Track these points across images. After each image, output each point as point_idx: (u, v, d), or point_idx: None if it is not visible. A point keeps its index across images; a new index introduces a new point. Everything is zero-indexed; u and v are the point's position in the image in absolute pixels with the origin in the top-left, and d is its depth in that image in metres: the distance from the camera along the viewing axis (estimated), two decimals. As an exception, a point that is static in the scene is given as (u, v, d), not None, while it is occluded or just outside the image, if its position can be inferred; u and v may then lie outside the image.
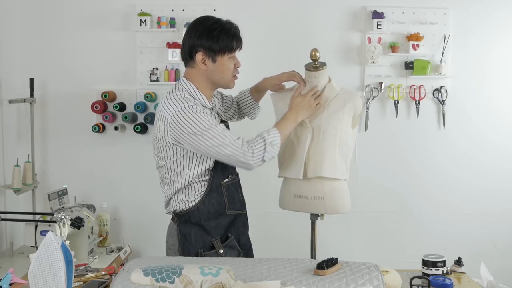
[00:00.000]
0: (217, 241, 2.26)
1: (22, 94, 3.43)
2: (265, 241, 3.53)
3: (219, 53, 2.18)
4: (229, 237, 2.32)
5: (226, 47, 2.18)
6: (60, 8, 3.51)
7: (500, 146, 3.60)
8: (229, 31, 2.19)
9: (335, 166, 2.40)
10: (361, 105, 2.45)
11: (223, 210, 2.28)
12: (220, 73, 2.22)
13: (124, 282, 1.67)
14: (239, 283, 1.69)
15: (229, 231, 2.32)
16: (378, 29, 3.44)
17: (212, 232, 2.26)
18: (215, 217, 2.26)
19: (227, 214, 2.29)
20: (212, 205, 2.25)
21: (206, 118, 2.12)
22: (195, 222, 2.25)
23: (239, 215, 2.36)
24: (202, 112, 2.13)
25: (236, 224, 2.35)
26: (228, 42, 2.18)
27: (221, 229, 2.29)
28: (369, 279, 1.74)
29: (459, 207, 3.62)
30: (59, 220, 2.56)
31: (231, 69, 2.24)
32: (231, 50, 2.20)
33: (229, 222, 2.31)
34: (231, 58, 2.23)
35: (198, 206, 2.24)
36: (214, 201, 2.26)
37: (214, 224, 2.26)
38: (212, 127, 2.11)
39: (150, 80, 3.47)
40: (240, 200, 2.39)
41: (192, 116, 2.11)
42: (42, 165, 3.56)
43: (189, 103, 2.13)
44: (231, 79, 2.26)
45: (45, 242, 1.70)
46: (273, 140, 2.18)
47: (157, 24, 3.46)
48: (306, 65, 2.49)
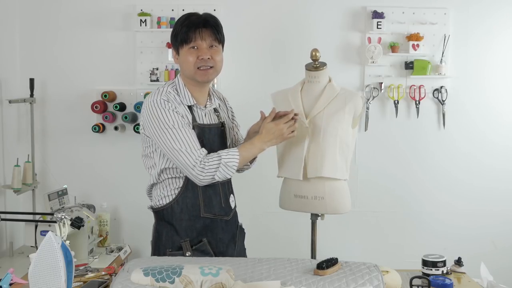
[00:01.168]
0: (186, 243, 2.18)
1: (22, 94, 3.43)
2: (265, 241, 3.53)
3: (179, 46, 2.17)
4: (202, 241, 2.21)
5: (181, 39, 2.15)
6: (60, 8, 3.51)
7: (500, 146, 3.60)
8: (187, 22, 2.15)
9: (335, 166, 2.40)
10: (362, 105, 2.45)
11: (197, 212, 2.19)
12: (183, 65, 2.19)
13: (124, 282, 1.67)
14: (239, 283, 1.69)
15: (203, 235, 2.21)
16: (378, 29, 3.44)
17: (182, 233, 2.19)
18: (187, 218, 2.19)
19: (201, 217, 2.20)
20: (186, 205, 2.19)
21: (174, 116, 2.09)
22: (168, 220, 2.21)
23: (217, 220, 2.24)
24: (172, 109, 2.10)
25: (214, 229, 2.24)
26: (184, 33, 2.14)
27: (193, 232, 2.19)
28: (369, 279, 1.74)
29: (459, 207, 3.62)
30: (59, 220, 2.56)
31: (192, 62, 2.15)
32: (187, 41, 2.14)
33: (204, 226, 2.21)
34: (192, 49, 2.15)
35: (172, 204, 2.19)
36: (188, 201, 2.19)
37: (186, 225, 2.19)
38: (175, 127, 2.08)
39: (150, 80, 3.47)
40: (221, 205, 2.25)
41: (161, 109, 2.10)
42: (42, 165, 3.56)
43: (162, 97, 2.12)
44: (195, 71, 2.16)
45: (45, 242, 1.70)
46: (229, 162, 2.09)
47: (157, 24, 3.46)
48: (306, 65, 2.50)
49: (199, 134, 2.16)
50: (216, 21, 2.21)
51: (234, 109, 2.48)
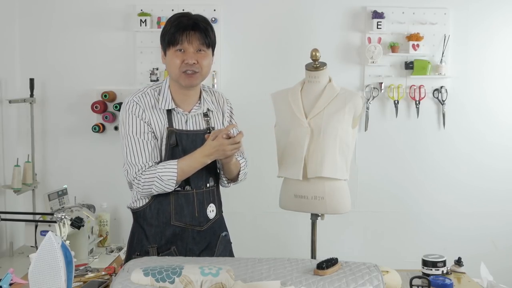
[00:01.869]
0: (153, 249, 2.13)
1: (22, 94, 3.43)
2: (265, 241, 3.54)
3: (166, 47, 2.14)
4: (170, 249, 2.15)
5: (168, 40, 2.12)
6: (60, 8, 3.51)
7: (500, 146, 3.60)
8: (174, 24, 2.12)
9: (335, 166, 2.40)
10: (362, 105, 2.45)
11: (168, 220, 2.14)
12: (169, 67, 2.15)
13: (124, 282, 1.67)
14: (239, 283, 1.69)
15: (173, 243, 2.15)
16: (378, 29, 3.44)
17: (151, 238, 2.15)
18: (156, 224, 2.14)
19: (171, 225, 2.14)
20: (157, 211, 2.14)
21: (136, 123, 2.08)
22: (140, 224, 2.18)
23: (188, 230, 2.16)
24: (137, 114, 2.08)
25: (184, 239, 2.16)
26: (171, 35, 2.11)
27: (162, 239, 2.15)
28: (369, 279, 1.74)
29: (459, 207, 3.62)
30: (59, 220, 2.56)
31: (177, 64, 2.10)
32: (174, 43, 2.10)
33: (174, 234, 2.15)
34: (177, 52, 2.10)
35: (145, 208, 2.16)
36: (160, 208, 2.14)
37: (155, 231, 2.15)
38: (131, 136, 2.08)
39: (150, 80, 3.46)
40: (194, 214, 2.16)
41: (125, 112, 2.11)
42: (42, 165, 3.56)
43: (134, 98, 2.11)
44: (180, 75, 2.11)
45: (45, 242, 1.70)
46: (164, 175, 2.04)
47: (157, 24, 3.46)
48: (306, 65, 2.50)
49: (173, 139, 2.11)
50: (206, 25, 2.15)
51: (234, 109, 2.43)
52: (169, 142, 2.11)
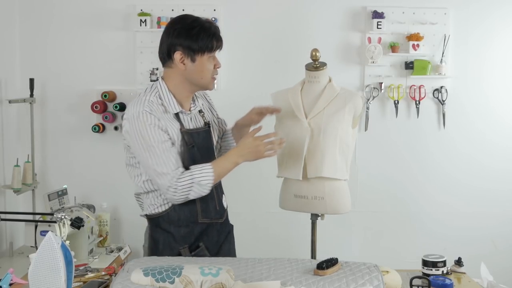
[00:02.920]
0: (184, 250, 2.15)
1: (22, 94, 3.43)
2: (265, 241, 3.54)
3: (198, 53, 2.11)
4: (200, 246, 2.19)
5: (205, 46, 2.10)
6: (60, 8, 3.51)
7: (500, 147, 3.60)
8: (208, 30, 2.11)
9: (335, 166, 2.40)
10: (362, 105, 2.45)
11: (195, 218, 2.17)
12: (199, 73, 2.14)
13: (124, 282, 1.67)
14: (239, 283, 1.69)
15: (200, 240, 2.20)
16: (378, 29, 3.44)
17: (180, 240, 2.16)
18: (185, 225, 2.16)
19: (199, 223, 2.18)
20: (183, 212, 2.15)
21: (154, 132, 2.04)
22: (165, 228, 2.17)
23: (213, 224, 2.23)
24: (155, 124, 2.05)
25: (209, 233, 2.22)
26: (208, 41, 2.10)
27: (191, 238, 2.17)
28: (369, 279, 1.74)
29: (459, 208, 3.62)
30: (59, 220, 2.56)
31: (211, 70, 2.15)
32: (211, 50, 2.12)
33: (200, 231, 2.19)
34: (211, 58, 2.14)
35: (169, 212, 2.16)
36: (186, 208, 2.15)
37: (184, 232, 2.16)
38: (154, 146, 2.04)
39: (150, 80, 3.47)
40: (216, 208, 2.23)
41: (143, 124, 2.04)
42: (42, 165, 3.56)
43: (145, 109, 2.05)
44: (210, 80, 2.17)
45: (45, 242, 1.70)
46: (202, 180, 2.05)
47: (157, 24, 3.46)
48: (306, 65, 2.50)
49: (189, 140, 2.13)
50: None
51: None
52: (185, 143, 2.12)
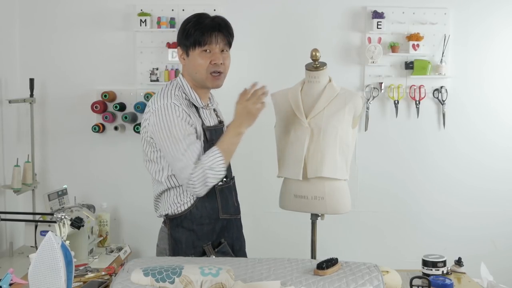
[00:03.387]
0: (208, 247, 2.18)
1: (22, 94, 3.43)
2: (265, 241, 3.53)
3: (190, 47, 2.12)
4: (222, 242, 2.24)
5: (195, 40, 2.10)
6: (60, 8, 3.51)
7: (500, 147, 3.60)
8: (201, 25, 2.11)
9: (335, 166, 2.39)
10: (362, 105, 2.45)
11: (217, 215, 2.20)
12: (193, 69, 2.15)
13: (124, 282, 1.67)
14: (239, 283, 1.69)
15: (222, 236, 2.24)
16: (378, 29, 3.44)
17: (204, 237, 2.18)
18: (208, 222, 2.18)
19: (220, 219, 2.21)
20: (205, 209, 2.18)
21: (182, 125, 2.06)
22: (187, 227, 2.18)
23: (232, 220, 2.28)
24: (182, 117, 2.07)
25: (230, 229, 2.27)
26: (198, 35, 2.10)
27: (214, 235, 2.21)
28: (369, 279, 1.74)
29: (459, 208, 3.62)
30: (59, 220, 2.56)
31: (204, 65, 2.12)
32: (201, 44, 2.10)
33: (222, 227, 2.23)
34: (204, 52, 2.12)
35: (191, 210, 2.17)
36: (207, 205, 2.18)
37: (206, 229, 2.19)
38: (180, 139, 2.05)
39: (150, 80, 3.47)
40: (234, 204, 2.30)
41: (171, 115, 2.06)
42: (42, 165, 3.56)
43: (174, 101, 2.08)
44: (207, 76, 2.14)
45: (45, 242, 1.70)
46: (213, 163, 2.05)
47: (157, 24, 3.46)
48: (306, 65, 2.50)
49: (210, 136, 2.16)
50: (229, 25, 2.18)
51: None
52: (206, 139, 2.15)
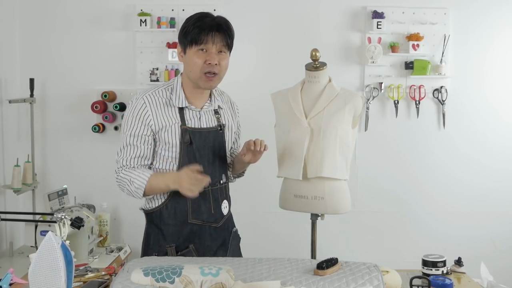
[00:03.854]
0: (171, 249, 2.14)
1: (22, 94, 3.43)
2: (265, 241, 3.54)
3: (187, 45, 2.11)
4: (188, 247, 2.16)
5: (192, 39, 2.08)
6: (60, 8, 3.51)
7: (500, 147, 3.61)
8: (199, 23, 2.09)
9: (335, 166, 2.40)
10: (362, 105, 2.45)
11: (185, 218, 2.15)
12: (188, 67, 2.13)
13: (124, 282, 1.67)
14: (239, 283, 1.69)
15: (191, 241, 2.17)
16: (378, 29, 3.44)
17: (168, 238, 2.16)
18: (174, 223, 2.16)
19: (189, 223, 2.16)
20: (174, 210, 2.15)
21: (133, 121, 2.11)
22: (156, 224, 2.19)
23: (205, 227, 2.18)
24: (139, 114, 2.11)
25: (201, 236, 2.19)
26: (195, 33, 2.08)
27: (180, 237, 2.16)
28: (369, 279, 1.74)
29: (459, 208, 3.62)
30: (59, 220, 2.56)
31: (199, 64, 2.09)
32: (197, 42, 2.08)
33: (190, 232, 2.17)
34: (200, 51, 2.09)
35: (161, 208, 2.17)
36: (177, 206, 2.15)
37: (172, 230, 2.16)
38: (126, 134, 2.13)
39: (150, 80, 3.47)
40: (211, 211, 2.18)
41: (130, 109, 2.13)
42: (42, 165, 3.56)
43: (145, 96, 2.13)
44: (200, 76, 2.10)
45: (45, 242, 1.70)
46: (136, 181, 2.09)
47: (157, 24, 3.46)
48: (306, 65, 2.50)
49: (186, 137, 2.12)
50: (229, 27, 2.15)
51: None
52: (183, 140, 2.12)
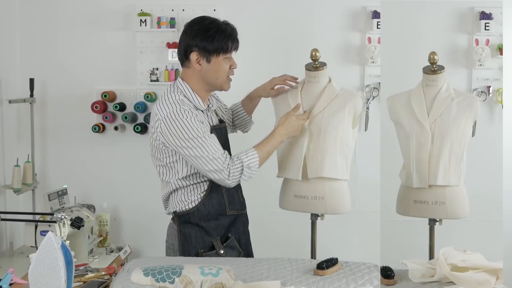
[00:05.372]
0: (217, 242, 2.26)
1: (22, 94, 3.43)
2: (265, 241, 3.52)
3: (213, 53, 2.17)
4: (230, 237, 2.32)
5: (221, 47, 2.17)
6: (60, 8, 3.51)
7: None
8: (224, 31, 2.18)
9: (335, 167, 2.40)
10: (362, 105, 2.45)
11: (224, 211, 2.28)
12: (214, 74, 2.20)
13: (124, 282, 1.68)
14: (239, 283, 1.69)
15: (229, 231, 2.32)
16: (378, 29, 3.43)
17: (212, 232, 2.26)
18: (215, 218, 2.26)
19: (227, 215, 2.29)
20: (212, 206, 2.25)
21: (196, 125, 2.12)
22: (195, 223, 2.25)
23: (239, 215, 2.36)
24: (194, 118, 2.12)
25: (236, 224, 2.35)
26: (223, 42, 2.17)
27: (222, 230, 2.29)
28: (369, 279, 1.74)
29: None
30: (59, 220, 2.56)
31: (226, 70, 2.22)
32: (226, 51, 2.19)
33: (229, 222, 2.31)
34: (227, 59, 2.21)
35: (198, 207, 2.24)
36: (214, 202, 2.26)
37: (214, 224, 2.26)
38: (200, 136, 2.11)
39: (150, 80, 3.47)
40: (240, 200, 2.38)
41: (182, 120, 2.10)
42: (42, 165, 3.56)
43: (182, 106, 2.13)
44: (226, 81, 2.25)
45: (45, 242, 1.70)
46: (251, 163, 2.17)
47: (157, 24, 3.46)
48: (306, 65, 2.50)
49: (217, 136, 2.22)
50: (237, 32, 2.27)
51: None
52: None
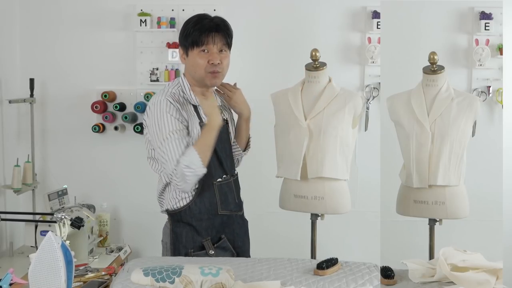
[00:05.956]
0: (207, 242, 2.22)
1: (22, 94, 3.43)
2: (265, 241, 3.52)
3: (189, 48, 2.18)
4: (222, 238, 2.28)
5: (193, 41, 2.15)
6: (60, 8, 3.51)
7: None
8: (200, 25, 2.16)
9: (336, 166, 2.40)
10: (361, 105, 2.46)
11: (215, 210, 2.23)
12: (192, 68, 2.20)
13: (124, 282, 1.68)
14: (239, 283, 1.69)
15: (222, 232, 2.28)
16: (378, 29, 3.43)
17: (203, 232, 2.22)
18: (206, 217, 2.22)
19: (219, 215, 2.24)
20: (204, 205, 2.21)
21: (170, 121, 2.09)
22: (187, 221, 2.22)
23: (233, 216, 2.31)
24: (171, 114, 2.10)
25: (231, 226, 2.31)
26: (196, 36, 2.15)
27: (213, 230, 2.25)
28: (369, 279, 1.74)
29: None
30: (59, 220, 2.56)
31: (202, 65, 2.16)
32: (199, 44, 2.15)
33: (221, 223, 2.27)
34: (202, 52, 2.16)
35: (190, 205, 2.21)
36: (206, 201, 2.22)
37: (205, 224, 2.23)
38: (167, 133, 2.08)
39: (150, 80, 3.47)
40: (235, 201, 2.32)
41: (159, 111, 2.11)
42: (42, 165, 3.56)
43: (167, 97, 2.13)
44: (205, 75, 2.18)
45: (45, 242, 1.70)
46: (189, 162, 2.05)
47: (157, 24, 3.46)
48: (306, 65, 2.50)
49: None
50: (228, 26, 2.22)
51: None
52: None
